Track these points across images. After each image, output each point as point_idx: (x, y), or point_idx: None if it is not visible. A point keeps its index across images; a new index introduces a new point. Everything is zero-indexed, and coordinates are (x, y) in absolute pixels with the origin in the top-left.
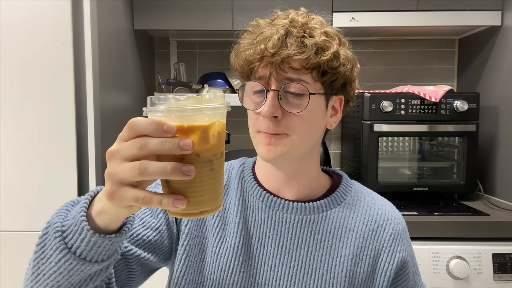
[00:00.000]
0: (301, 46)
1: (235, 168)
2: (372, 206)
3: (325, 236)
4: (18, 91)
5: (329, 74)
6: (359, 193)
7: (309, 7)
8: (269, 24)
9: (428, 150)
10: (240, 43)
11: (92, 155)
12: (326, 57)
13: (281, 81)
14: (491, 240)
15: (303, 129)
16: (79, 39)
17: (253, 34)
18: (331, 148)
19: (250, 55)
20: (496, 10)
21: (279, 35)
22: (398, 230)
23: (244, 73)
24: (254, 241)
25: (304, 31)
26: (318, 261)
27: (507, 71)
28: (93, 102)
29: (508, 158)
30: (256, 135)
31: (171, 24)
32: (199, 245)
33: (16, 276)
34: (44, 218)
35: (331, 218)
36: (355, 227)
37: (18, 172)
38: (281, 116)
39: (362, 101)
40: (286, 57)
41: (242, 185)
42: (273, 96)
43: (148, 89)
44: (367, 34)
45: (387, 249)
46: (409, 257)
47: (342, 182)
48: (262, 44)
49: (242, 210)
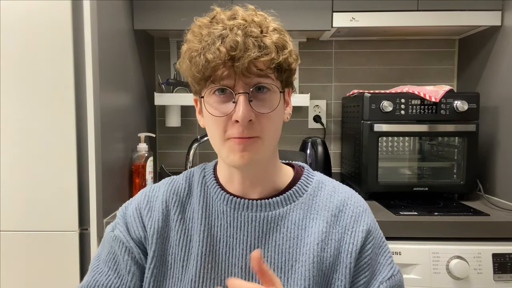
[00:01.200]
0: (264, 46)
1: (196, 175)
2: (332, 194)
3: (290, 228)
4: (18, 91)
5: (287, 71)
6: (321, 183)
7: (309, 7)
8: (211, 22)
9: (428, 150)
10: (188, 46)
11: (92, 155)
12: (285, 55)
13: (248, 83)
14: (491, 240)
15: (272, 129)
16: (79, 39)
17: (200, 35)
18: (331, 148)
19: (211, 59)
20: (496, 10)
21: (238, 36)
22: (358, 212)
23: (201, 79)
24: (222, 246)
25: (262, 30)
26: (286, 253)
27: (507, 71)
28: (93, 102)
29: (508, 158)
30: (225, 143)
31: (171, 24)
32: (165, 263)
33: (16, 276)
34: (44, 218)
35: (295, 209)
36: (318, 215)
37: (18, 172)
38: (254, 119)
39: (362, 101)
40: (251, 59)
41: (204, 191)
42: (245, 100)
43: (148, 89)
44: (367, 34)
45: (349, 230)
46: (371, 235)
47: (304, 173)
48: (221, 46)
49: (206, 217)
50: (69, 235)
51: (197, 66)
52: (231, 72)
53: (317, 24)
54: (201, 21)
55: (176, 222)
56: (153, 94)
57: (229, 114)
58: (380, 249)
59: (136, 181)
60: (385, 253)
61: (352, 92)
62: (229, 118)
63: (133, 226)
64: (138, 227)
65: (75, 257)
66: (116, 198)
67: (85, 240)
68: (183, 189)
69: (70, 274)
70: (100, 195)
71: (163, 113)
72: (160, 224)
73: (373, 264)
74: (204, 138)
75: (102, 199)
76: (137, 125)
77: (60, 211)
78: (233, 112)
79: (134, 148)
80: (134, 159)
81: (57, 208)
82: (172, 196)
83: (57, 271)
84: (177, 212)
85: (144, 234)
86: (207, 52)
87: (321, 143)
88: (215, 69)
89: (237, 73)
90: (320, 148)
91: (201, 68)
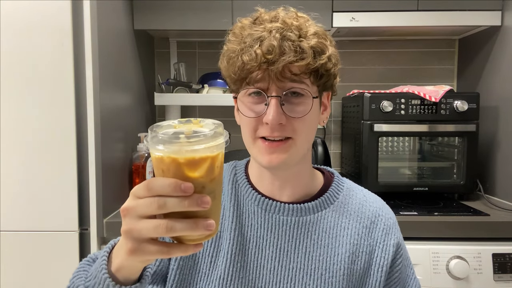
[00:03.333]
0: (300, 51)
1: (227, 172)
2: (363, 204)
3: (321, 235)
4: (18, 91)
5: (324, 76)
6: (351, 191)
7: (309, 7)
8: (253, 24)
9: (428, 150)
10: (228, 47)
11: (92, 155)
12: (323, 60)
13: (282, 87)
14: (491, 240)
15: (304, 131)
16: (79, 39)
17: (240, 36)
18: (331, 148)
19: (247, 61)
20: (496, 10)
21: (276, 39)
22: (389, 225)
23: (237, 80)
24: (251, 246)
25: (300, 34)
26: (316, 261)
27: (507, 71)
28: (93, 102)
29: (508, 158)
30: (255, 142)
31: (171, 24)
32: (193, 257)
33: (16, 276)
34: (44, 218)
35: (326, 217)
36: (349, 225)
37: (18, 172)
38: (285, 122)
39: (362, 101)
40: (287, 63)
41: (236, 189)
42: (276, 103)
43: (148, 89)
44: (367, 34)
45: (381, 244)
46: (401, 249)
47: (334, 180)
48: (258, 49)
49: (237, 216)
50: (69, 235)
51: (234, 67)
52: (266, 75)
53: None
54: (243, 22)
55: None
56: (153, 94)
57: (260, 115)
58: (407, 261)
59: (136, 181)
60: (411, 265)
61: (352, 92)
62: (261, 119)
63: None
64: None
65: (75, 257)
66: (116, 198)
67: (85, 240)
68: None
69: (70, 274)
70: (100, 195)
71: (163, 113)
72: None
73: (403, 277)
74: None
75: (102, 199)
76: (137, 125)
77: (60, 211)
78: (265, 114)
79: (134, 148)
80: (134, 159)
81: (57, 208)
82: None
83: (57, 271)
84: None
85: None
86: (244, 54)
87: (321, 143)
88: (250, 71)
89: (271, 77)
90: (320, 148)
91: (237, 69)
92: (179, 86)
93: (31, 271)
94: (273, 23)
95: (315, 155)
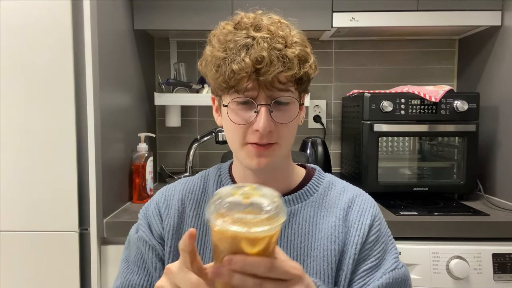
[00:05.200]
0: (287, 61)
1: (212, 174)
2: (341, 193)
3: (301, 225)
4: (18, 91)
5: (306, 82)
6: (331, 184)
7: (309, 7)
8: (235, 29)
9: (428, 150)
10: (213, 53)
11: (92, 155)
12: (306, 69)
13: (270, 96)
14: (491, 240)
15: (289, 135)
16: (79, 39)
17: (225, 43)
18: (331, 148)
19: (237, 70)
20: (496, 10)
21: (265, 50)
22: (364, 207)
23: (225, 88)
24: None
25: (286, 43)
26: (298, 249)
27: (507, 71)
28: (93, 102)
29: (508, 158)
30: (243, 147)
31: (171, 24)
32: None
33: (16, 276)
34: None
35: (306, 208)
36: (328, 213)
37: (18, 172)
38: (273, 128)
39: (362, 101)
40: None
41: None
42: (266, 111)
43: (148, 89)
44: (367, 34)
45: (356, 223)
46: (376, 226)
47: (315, 174)
48: (246, 58)
49: None
50: (69, 235)
51: (224, 76)
52: (255, 85)
53: (317, 24)
54: (225, 27)
55: (191, 218)
56: (153, 94)
57: (250, 122)
58: (387, 245)
59: (136, 181)
60: (391, 250)
61: (352, 92)
62: (250, 126)
63: (154, 224)
64: (158, 224)
65: (75, 257)
66: (116, 198)
67: (85, 240)
68: (198, 187)
69: (70, 274)
70: (100, 195)
71: (163, 113)
72: (176, 220)
73: (376, 255)
74: (204, 138)
75: (102, 199)
76: (137, 125)
77: (60, 211)
78: (254, 121)
79: (134, 148)
80: (134, 159)
81: (57, 208)
82: (187, 194)
83: (57, 271)
84: (192, 209)
85: (163, 231)
86: (233, 62)
87: (321, 143)
88: (240, 80)
89: (261, 86)
90: (320, 148)
91: (227, 78)
92: (179, 86)
93: (31, 271)
94: (258, 32)
95: (315, 155)
